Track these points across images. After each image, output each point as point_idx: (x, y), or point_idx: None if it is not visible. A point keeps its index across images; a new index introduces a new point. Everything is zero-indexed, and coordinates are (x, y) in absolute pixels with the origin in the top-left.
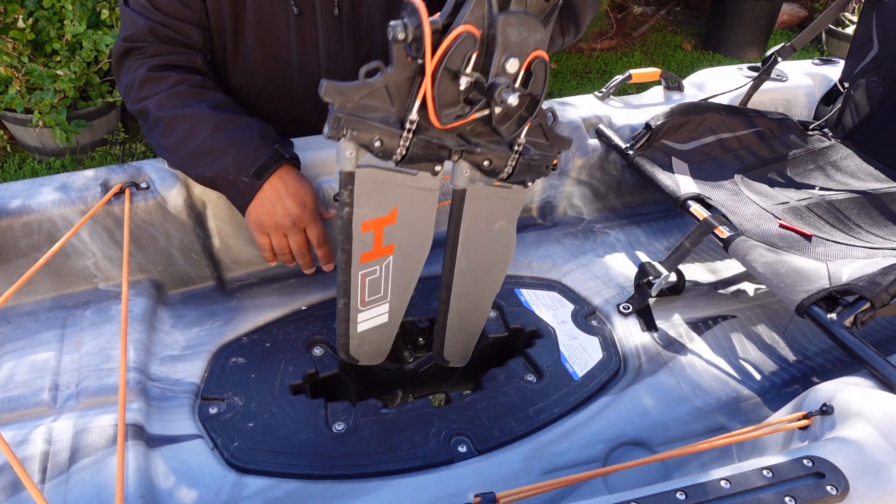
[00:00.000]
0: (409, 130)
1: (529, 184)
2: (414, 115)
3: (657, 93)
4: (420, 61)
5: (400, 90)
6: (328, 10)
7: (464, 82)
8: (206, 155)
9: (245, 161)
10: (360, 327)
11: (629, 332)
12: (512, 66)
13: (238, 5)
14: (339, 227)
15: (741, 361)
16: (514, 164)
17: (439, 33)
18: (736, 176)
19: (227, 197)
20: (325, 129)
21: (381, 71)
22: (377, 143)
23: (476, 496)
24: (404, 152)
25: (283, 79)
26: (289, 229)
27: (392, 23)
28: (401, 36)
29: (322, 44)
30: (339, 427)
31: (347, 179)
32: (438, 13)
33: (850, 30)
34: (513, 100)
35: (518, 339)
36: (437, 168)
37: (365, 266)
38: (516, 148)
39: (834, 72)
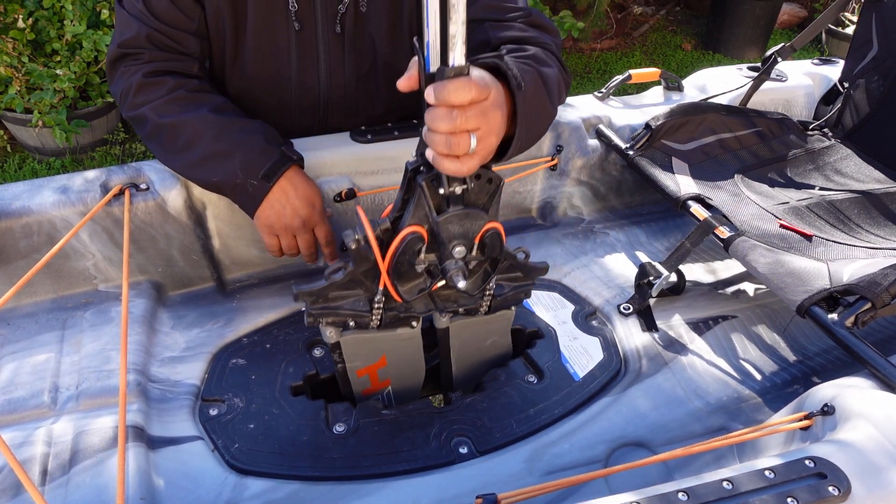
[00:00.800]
0: (377, 308)
1: (513, 307)
2: (379, 297)
3: (657, 93)
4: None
5: (366, 277)
6: (330, 26)
7: (420, 266)
8: (211, 160)
9: (253, 164)
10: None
11: (630, 333)
12: (459, 252)
13: (239, 17)
14: (337, 374)
15: (742, 362)
16: (488, 303)
17: (390, 231)
18: (736, 176)
19: (234, 201)
20: (304, 318)
21: (343, 269)
22: (351, 323)
23: (478, 498)
24: (378, 322)
25: (281, 92)
26: (298, 230)
27: (344, 233)
28: (353, 245)
29: (322, 60)
30: (339, 428)
31: (334, 346)
32: (390, 207)
33: (850, 30)
34: (462, 284)
35: (519, 340)
36: (414, 323)
37: (367, 395)
38: (488, 292)
39: (833, 72)
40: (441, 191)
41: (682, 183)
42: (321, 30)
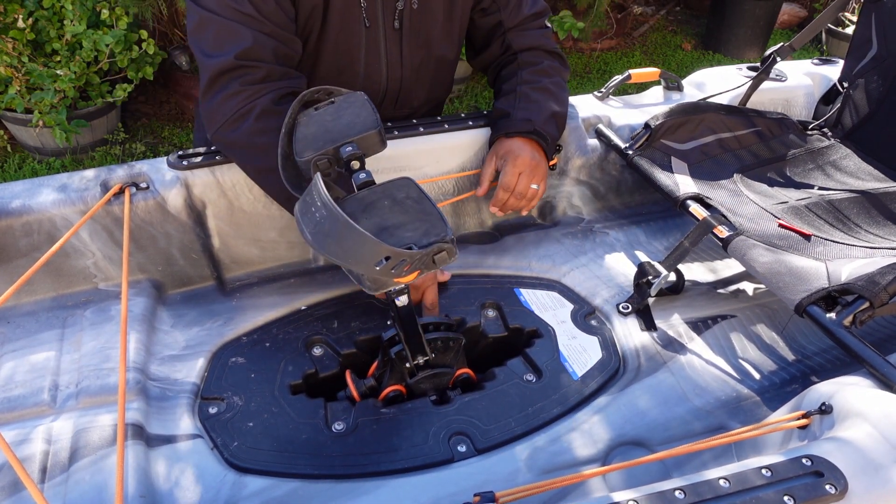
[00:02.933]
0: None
1: None
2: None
3: (656, 93)
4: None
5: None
6: (390, 23)
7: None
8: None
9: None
10: None
11: (628, 332)
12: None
13: (324, 16)
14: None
15: (740, 361)
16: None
17: (375, 386)
18: (735, 175)
19: None
20: None
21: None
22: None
23: (475, 496)
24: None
25: (349, 85)
26: None
27: (339, 394)
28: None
29: (384, 54)
30: (338, 427)
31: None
32: (374, 366)
33: (849, 29)
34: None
35: (517, 339)
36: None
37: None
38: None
39: (833, 71)
40: (407, 365)
41: (681, 182)
42: (382, 26)
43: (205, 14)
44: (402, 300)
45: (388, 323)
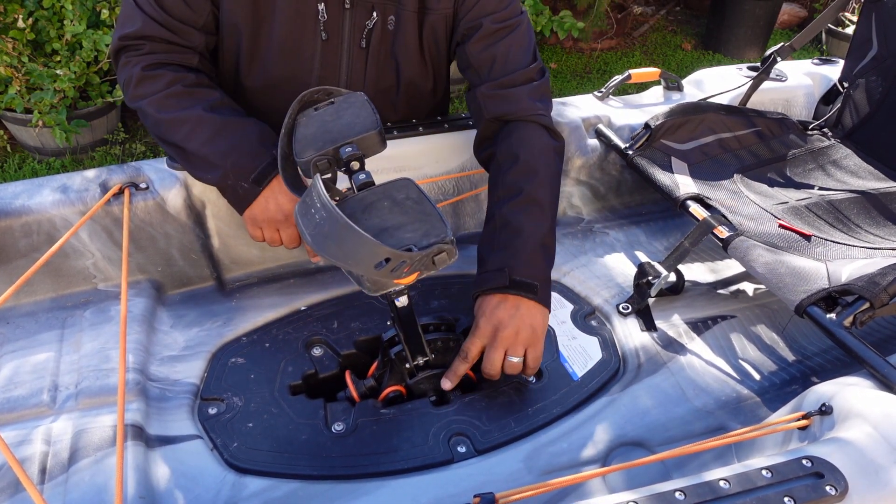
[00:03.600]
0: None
1: None
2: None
3: (656, 93)
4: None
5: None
6: (356, 40)
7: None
8: (205, 161)
9: (244, 168)
10: None
11: (629, 333)
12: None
13: (261, 17)
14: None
15: (740, 361)
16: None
17: (375, 386)
18: (735, 176)
19: (226, 199)
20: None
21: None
22: None
23: (475, 496)
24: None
25: (298, 95)
26: (281, 223)
27: (339, 394)
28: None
29: (344, 71)
30: (338, 427)
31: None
32: (374, 366)
33: (849, 29)
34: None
35: None
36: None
37: None
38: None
39: (833, 71)
40: (406, 365)
41: (681, 183)
42: (347, 42)
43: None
44: (401, 301)
45: (388, 323)
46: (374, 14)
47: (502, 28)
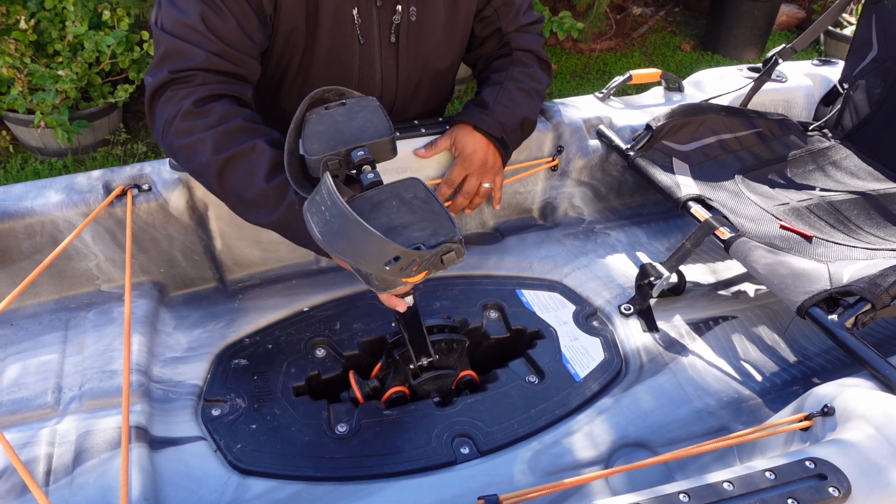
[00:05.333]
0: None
1: None
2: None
3: (657, 93)
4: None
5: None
6: (386, 37)
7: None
8: (267, 199)
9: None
10: None
11: (630, 333)
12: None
13: (311, 33)
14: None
15: (742, 362)
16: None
17: (379, 387)
18: (736, 177)
19: (288, 237)
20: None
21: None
22: None
23: (480, 498)
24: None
25: None
26: None
27: (342, 395)
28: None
29: (378, 67)
30: (341, 429)
31: None
32: (378, 367)
33: (848, 31)
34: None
35: (520, 340)
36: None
37: None
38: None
39: (833, 73)
40: (411, 366)
41: (682, 184)
42: (377, 41)
43: (159, 34)
44: (407, 301)
45: (392, 324)
46: (398, 7)
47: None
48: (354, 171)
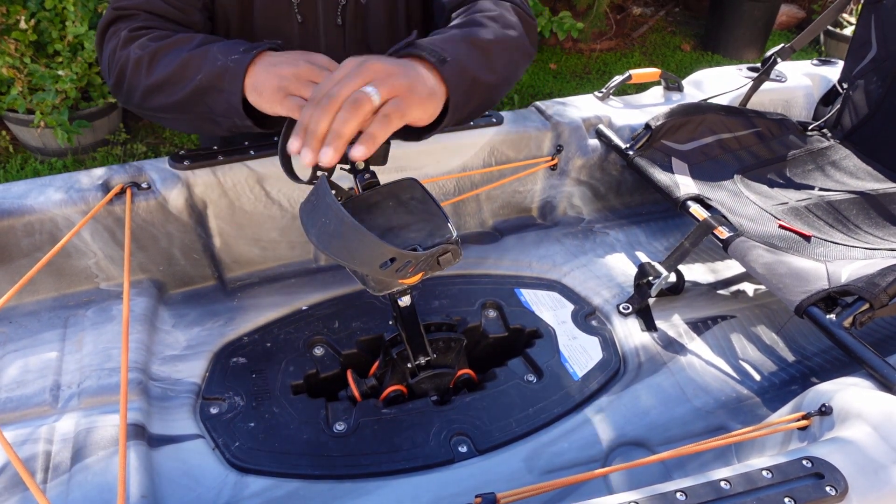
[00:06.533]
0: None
1: None
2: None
3: (657, 93)
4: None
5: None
6: (331, 19)
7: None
8: (191, 63)
9: (230, 48)
10: None
11: (629, 333)
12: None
13: (246, 5)
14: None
15: (740, 361)
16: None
17: (377, 385)
18: (735, 176)
19: (221, 93)
20: None
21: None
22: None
23: (477, 497)
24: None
25: None
26: (294, 74)
27: (340, 394)
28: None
29: (324, 51)
30: (339, 427)
31: None
32: (376, 365)
33: (847, 30)
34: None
35: (518, 339)
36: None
37: None
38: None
39: (833, 72)
40: (408, 365)
41: (681, 183)
42: (322, 22)
43: None
44: (404, 300)
45: (390, 323)
46: None
47: None
48: (349, 169)
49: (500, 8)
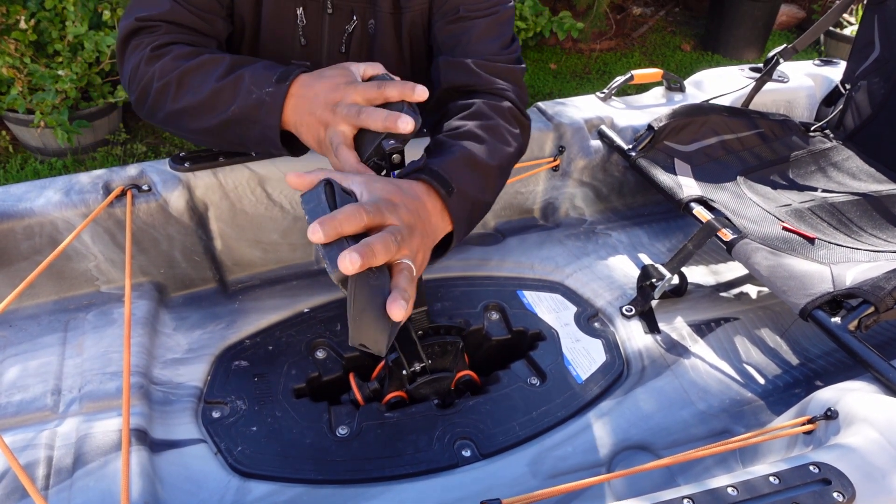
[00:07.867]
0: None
1: None
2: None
3: (659, 94)
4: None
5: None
6: (335, 45)
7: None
8: (222, 94)
9: (262, 77)
10: None
11: (632, 335)
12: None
13: (254, 25)
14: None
15: (744, 364)
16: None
17: (379, 389)
18: (738, 178)
19: (254, 138)
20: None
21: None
22: None
23: (482, 503)
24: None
25: None
26: (330, 107)
27: (342, 397)
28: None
29: None
30: (342, 431)
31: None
32: (379, 368)
33: (848, 31)
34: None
35: (521, 342)
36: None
37: None
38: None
39: (835, 73)
40: (404, 371)
41: (684, 184)
42: (327, 48)
43: None
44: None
45: None
46: (354, 18)
47: (476, 12)
48: (385, 162)
49: (496, 116)
